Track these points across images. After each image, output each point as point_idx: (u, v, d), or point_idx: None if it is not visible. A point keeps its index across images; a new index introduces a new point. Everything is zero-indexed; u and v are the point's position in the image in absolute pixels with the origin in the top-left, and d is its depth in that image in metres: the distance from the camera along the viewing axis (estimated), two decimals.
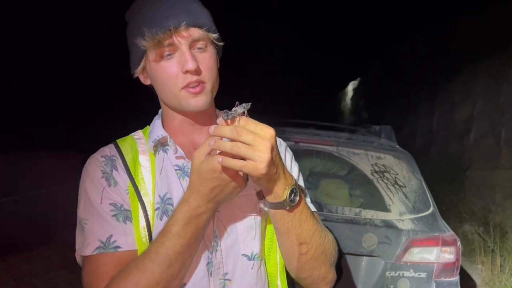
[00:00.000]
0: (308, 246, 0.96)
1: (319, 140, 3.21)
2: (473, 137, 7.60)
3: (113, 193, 0.97)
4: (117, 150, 1.03)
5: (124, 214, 0.96)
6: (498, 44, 6.99)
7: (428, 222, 2.77)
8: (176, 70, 0.94)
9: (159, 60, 0.95)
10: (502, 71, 6.91)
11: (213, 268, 0.98)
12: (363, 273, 2.64)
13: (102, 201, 0.95)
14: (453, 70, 8.57)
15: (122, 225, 0.95)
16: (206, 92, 0.97)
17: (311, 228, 0.95)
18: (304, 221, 0.93)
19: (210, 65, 0.97)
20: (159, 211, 0.97)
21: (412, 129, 10.48)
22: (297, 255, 0.97)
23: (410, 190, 2.97)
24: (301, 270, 1.00)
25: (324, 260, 1.00)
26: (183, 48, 0.93)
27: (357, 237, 2.62)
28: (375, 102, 13.74)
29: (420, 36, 10.33)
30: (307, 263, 0.98)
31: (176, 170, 1.02)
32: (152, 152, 1.03)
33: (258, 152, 0.78)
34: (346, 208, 2.82)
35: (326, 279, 1.03)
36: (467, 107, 7.92)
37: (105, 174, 0.98)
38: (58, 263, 4.32)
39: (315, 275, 1.01)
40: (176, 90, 0.95)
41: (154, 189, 0.99)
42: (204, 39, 0.96)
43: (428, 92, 9.76)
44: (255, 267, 1.03)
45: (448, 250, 2.64)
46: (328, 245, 1.01)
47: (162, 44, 0.93)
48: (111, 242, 0.93)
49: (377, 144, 3.29)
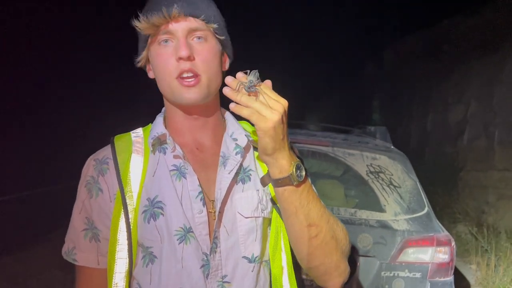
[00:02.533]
0: (318, 228, 0.93)
1: (314, 140, 3.21)
2: (466, 138, 7.65)
3: (92, 205, 0.99)
4: (111, 150, 1.01)
5: (92, 232, 0.99)
6: (491, 45, 7.04)
7: (423, 222, 2.79)
8: (171, 57, 0.93)
9: (157, 47, 0.95)
10: (495, 72, 6.96)
11: (211, 270, 0.96)
12: (358, 273, 2.65)
13: (81, 211, 1.00)
14: (447, 72, 8.62)
15: (87, 243, 0.99)
16: (201, 86, 0.94)
17: (319, 210, 0.93)
18: (311, 200, 0.92)
19: (207, 57, 0.95)
20: (146, 213, 0.96)
21: (406, 130, 10.53)
22: (307, 238, 0.93)
23: (405, 191, 2.98)
24: (312, 256, 0.96)
25: (336, 246, 0.96)
26: (178, 34, 0.93)
27: (352, 238, 2.61)
28: (369, 103, 13.77)
29: (413, 38, 10.38)
30: (318, 248, 0.95)
31: (172, 170, 0.99)
32: (151, 149, 1.01)
33: (271, 109, 0.82)
34: (342, 209, 2.83)
35: (339, 269, 0.99)
36: (461, 108, 7.97)
37: (88, 185, 1.00)
38: (52, 264, 4.27)
39: (327, 263, 0.97)
40: (170, 79, 0.94)
41: (140, 192, 0.97)
42: (202, 30, 0.95)
43: (422, 94, 9.80)
44: (255, 269, 1.01)
45: (443, 250, 2.66)
46: (338, 231, 0.98)
47: (158, 29, 0.93)
48: (73, 253, 1.00)
49: (372, 145, 3.30)
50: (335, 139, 3.32)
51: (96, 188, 0.98)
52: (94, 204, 0.98)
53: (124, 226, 0.95)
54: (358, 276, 2.64)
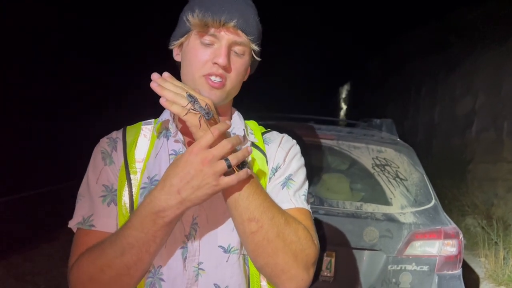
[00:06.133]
0: (258, 224, 0.90)
1: (320, 134, 3.19)
2: (474, 131, 7.58)
3: (108, 172, 1.04)
4: (122, 133, 1.10)
5: (111, 197, 1.02)
6: (499, 37, 6.96)
7: (430, 215, 2.76)
8: (208, 58, 0.97)
9: (198, 44, 0.98)
10: (503, 64, 6.88)
11: (188, 254, 0.98)
12: (364, 267, 2.63)
13: (98, 181, 1.03)
14: (454, 64, 8.54)
15: (106, 207, 1.01)
16: (223, 90, 0.99)
17: (260, 204, 0.91)
18: (252, 194, 0.90)
19: (239, 70, 1.01)
20: (144, 190, 1.01)
21: (413, 123, 10.46)
22: (248, 233, 0.91)
23: (412, 183, 2.95)
24: (256, 254, 0.93)
25: (282, 247, 0.91)
26: (223, 42, 0.97)
27: (358, 231, 2.61)
28: (376, 96, 13.71)
29: (420, 30, 10.29)
30: (259, 246, 0.91)
31: (171, 155, 1.04)
32: (156, 134, 1.07)
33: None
34: (347, 202, 2.81)
35: (288, 273, 0.92)
36: (469, 100, 7.90)
37: (103, 154, 1.06)
38: (60, 261, 4.32)
39: (272, 264, 0.92)
40: (197, 75, 0.98)
41: (143, 170, 1.03)
42: (245, 46, 1.00)
43: (429, 86, 9.73)
44: (231, 260, 1.00)
45: (450, 243, 2.63)
46: (288, 233, 0.92)
47: (207, 29, 0.97)
48: (89, 220, 1.00)
49: (378, 138, 3.27)
50: (340, 132, 3.30)
51: (110, 158, 1.05)
52: (110, 171, 1.04)
53: (127, 198, 1.01)
54: (364, 270, 2.63)
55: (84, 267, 0.91)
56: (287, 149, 1.12)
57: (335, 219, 2.62)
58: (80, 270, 0.92)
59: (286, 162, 1.10)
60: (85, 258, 0.92)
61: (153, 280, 0.99)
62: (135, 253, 0.87)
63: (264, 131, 1.18)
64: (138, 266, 0.89)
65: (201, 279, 0.99)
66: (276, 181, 1.06)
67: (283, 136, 1.17)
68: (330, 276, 2.64)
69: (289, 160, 1.11)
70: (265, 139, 1.14)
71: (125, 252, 0.87)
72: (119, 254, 0.87)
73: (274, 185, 1.06)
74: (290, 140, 1.16)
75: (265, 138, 1.14)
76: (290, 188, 1.05)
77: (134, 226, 0.87)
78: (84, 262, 0.91)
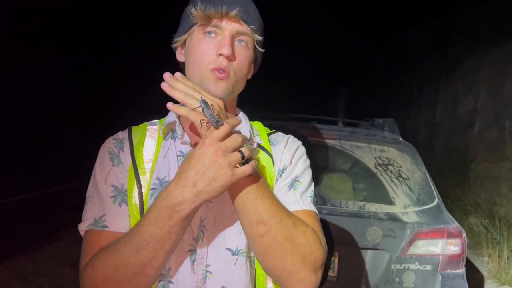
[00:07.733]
0: (267, 226, 0.89)
1: (322, 134, 3.18)
2: (477, 130, 7.57)
3: (117, 172, 1.02)
4: (128, 133, 1.09)
5: (122, 197, 1.01)
6: (501, 36, 6.95)
7: (433, 214, 2.75)
8: (212, 50, 0.97)
9: (201, 37, 0.99)
10: (505, 62, 6.87)
11: (197, 257, 0.98)
12: (368, 266, 2.63)
13: (106, 181, 1.01)
14: (456, 63, 8.53)
15: (117, 207, 0.99)
16: (228, 82, 0.99)
17: (269, 207, 0.91)
18: (261, 197, 0.90)
19: (243, 62, 1.01)
20: (154, 191, 1.00)
21: (415, 122, 10.45)
22: (256, 236, 0.91)
23: (414, 183, 2.95)
24: (264, 257, 0.93)
25: (290, 250, 0.91)
26: (226, 33, 0.98)
27: (361, 231, 2.61)
28: (378, 95, 13.69)
29: (422, 29, 10.27)
30: (268, 248, 0.91)
31: (178, 156, 1.04)
32: (162, 135, 1.07)
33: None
34: (350, 202, 2.80)
35: (296, 275, 0.92)
36: (471, 99, 7.88)
37: (111, 155, 1.04)
38: (63, 262, 4.32)
39: (280, 266, 0.92)
40: (204, 69, 0.98)
41: (152, 171, 1.02)
42: (247, 35, 1.01)
43: (431, 85, 9.71)
44: (238, 263, 1.00)
45: (454, 242, 2.62)
46: (297, 235, 0.92)
47: (210, 21, 0.98)
48: (101, 220, 0.98)
49: (380, 137, 3.27)
50: (342, 132, 3.29)
51: (118, 159, 1.04)
52: (119, 172, 1.03)
53: (137, 199, 1.00)
54: (368, 269, 2.63)
55: (99, 267, 0.90)
56: (293, 150, 1.12)
57: (338, 218, 2.62)
58: (95, 270, 0.90)
59: (293, 163, 1.09)
60: (99, 258, 0.91)
61: (165, 283, 0.98)
62: (150, 250, 0.87)
63: (269, 132, 1.17)
64: (153, 264, 0.89)
65: (209, 281, 0.98)
66: (283, 183, 1.06)
67: (289, 137, 1.16)
68: (333, 275, 2.64)
69: (295, 162, 1.10)
70: (271, 141, 1.13)
71: (140, 249, 0.87)
72: (134, 252, 0.87)
73: (280, 186, 1.05)
74: (296, 141, 1.16)
75: (271, 139, 1.14)
76: (297, 190, 1.05)
77: (150, 221, 0.86)
78: (99, 262, 0.90)
